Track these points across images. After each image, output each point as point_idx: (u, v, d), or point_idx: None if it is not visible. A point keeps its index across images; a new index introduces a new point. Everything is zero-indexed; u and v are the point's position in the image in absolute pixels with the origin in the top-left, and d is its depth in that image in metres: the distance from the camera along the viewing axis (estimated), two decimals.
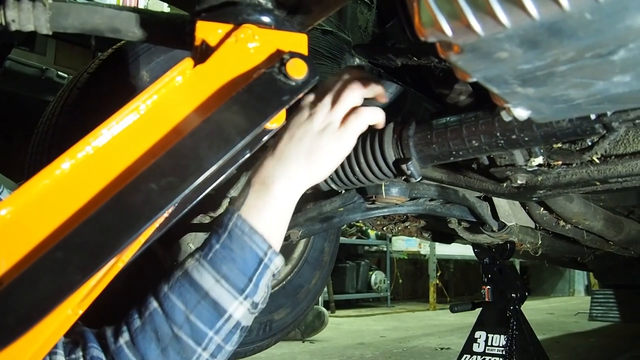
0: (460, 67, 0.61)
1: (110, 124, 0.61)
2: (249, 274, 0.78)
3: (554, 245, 1.88)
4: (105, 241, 0.57)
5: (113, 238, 0.57)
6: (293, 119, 0.87)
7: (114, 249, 0.57)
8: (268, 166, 0.84)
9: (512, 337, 1.86)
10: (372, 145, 1.10)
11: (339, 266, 7.24)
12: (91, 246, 0.56)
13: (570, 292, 9.42)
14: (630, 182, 0.95)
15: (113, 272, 0.74)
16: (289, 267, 2.07)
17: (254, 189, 0.82)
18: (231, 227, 0.79)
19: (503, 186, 1.12)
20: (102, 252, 0.57)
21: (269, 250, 0.81)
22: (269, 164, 0.84)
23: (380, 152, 1.07)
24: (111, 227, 0.57)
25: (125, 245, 0.57)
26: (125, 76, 1.46)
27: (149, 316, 0.76)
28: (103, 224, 0.57)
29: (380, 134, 1.10)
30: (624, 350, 3.11)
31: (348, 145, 0.87)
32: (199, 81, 0.69)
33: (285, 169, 0.83)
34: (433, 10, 0.53)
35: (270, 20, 0.77)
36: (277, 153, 0.84)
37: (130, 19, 0.88)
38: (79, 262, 0.55)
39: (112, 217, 0.57)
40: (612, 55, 0.52)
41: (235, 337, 0.80)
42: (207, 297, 0.75)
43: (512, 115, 0.71)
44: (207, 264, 0.77)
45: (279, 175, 0.83)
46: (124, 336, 0.76)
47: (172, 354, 0.74)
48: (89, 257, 0.56)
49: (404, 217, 2.09)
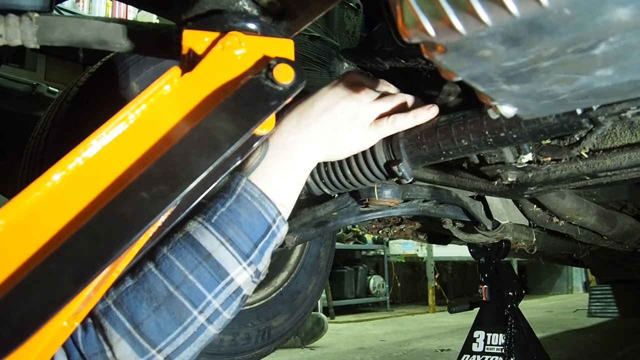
0: (445, 67, 0.61)
1: (100, 135, 0.62)
2: (255, 239, 0.76)
3: (549, 242, 1.89)
4: (97, 251, 0.57)
5: (106, 248, 0.57)
6: (331, 90, 0.86)
7: (107, 259, 0.57)
8: (293, 131, 0.82)
9: (511, 335, 1.86)
10: None
11: (337, 272, 7.23)
12: (84, 257, 0.56)
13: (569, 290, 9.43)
14: (619, 176, 0.96)
15: (108, 282, 0.74)
16: (286, 273, 2.07)
17: (273, 152, 0.80)
18: (239, 191, 0.77)
19: (494, 184, 1.12)
20: (95, 262, 0.57)
21: (277, 217, 0.79)
22: (294, 129, 0.82)
23: (371, 154, 1.07)
24: (103, 237, 0.57)
25: (118, 254, 0.57)
26: (115, 88, 1.47)
27: (143, 276, 0.72)
28: (95, 235, 0.57)
29: None
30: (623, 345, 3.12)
31: (369, 144, 0.88)
32: (187, 89, 0.69)
33: (310, 137, 0.82)
34: (415, 11, 0.54)
35: (256, 26, 0.78)
36: (305, 120, 0.83)
37: (117, 31, 0.88)
38: (72, 273, 0.55)
39: (104, 227, 0.57)
40: (593, 50, 0.53)
41: (235, 304, 0.76)
42: (210, 259, 0.73)
43: (499, 112, 0.72)
44: (211, 227, 0.75)
45: (303, 143, 0.81)
46: (112, 295, 0.73)
47: (165, 314, 0.71)
48: (82, 268, 0.56)
49: (398, 219, 2.10)
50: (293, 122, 0.84)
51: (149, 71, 1.51)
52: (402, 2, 0.55)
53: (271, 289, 2.01)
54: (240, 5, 0.80)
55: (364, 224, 2.12)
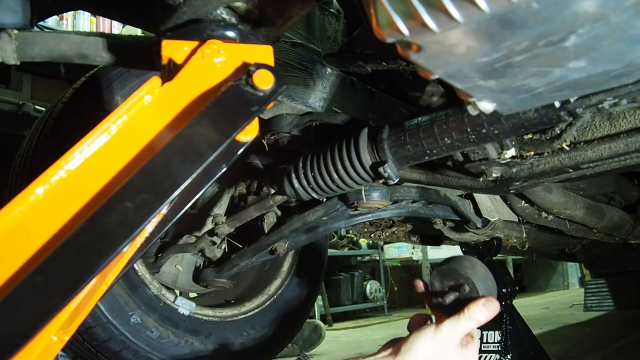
0: (422, 65, 0.62)
1: (82, 147, 0.62)
2: None
3: (540, 237, 1.90)
4: (83, 263, 0.57)
5: (91, 259, 0.57)
6: (449, 339, 0.91)
7: (93, 270, 0.57)
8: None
9: (507, 332, 1.86)
10: (348, 151, 1.12)
11: (333, 279, 7.21)
12: (70, 269, 0.56)
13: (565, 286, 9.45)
14: (602, 167, 0.97)
15: (97, 295, 0.74)
16: (279, 281, 2.07)
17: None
18: None
19: (480, 181, 1.13)
20: (81, 274, 0.57)
21: None
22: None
23: (357, 156, 1.08)
24: (89, 249, 0.57)
25: (104, 265, 0.58)
26: (100, 103, 1.47)
27: None
28: (80, 246, 0.57)
29: (355, 139, 1.11)
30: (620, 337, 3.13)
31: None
32: (168, 98, 0.70)
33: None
34: (389, 12, 0.54)
35: (235, 34, 0.78)
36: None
37: (98, 44, 0.89)
38: (59, 286, 0.55)
39: (89, 239, 0.57)
40: (564, 42, 0.54)
41: None
42: None
43: (478, 108, 0.73)
44: None
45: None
46: None
47: None
48: (69, 280, 0.56)
49: (390, 222, 2.10)
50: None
51: (133, 84, 1.51)
52: (375, 3, 0.55)
53: (265, 297, 2.01)
54: (218, 14, 0.81)
55: (356, 228, 2.13)
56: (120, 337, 1.48)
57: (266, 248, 1.70)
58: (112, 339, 1.47)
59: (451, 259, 1.10)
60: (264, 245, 1.70)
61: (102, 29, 4.24)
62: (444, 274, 1.03)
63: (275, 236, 1.67)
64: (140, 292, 1.58)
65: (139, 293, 1.57)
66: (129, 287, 1.55)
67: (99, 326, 1.46)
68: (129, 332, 1.50)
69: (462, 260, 1.08)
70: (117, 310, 1.49)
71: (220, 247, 1.87)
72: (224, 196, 1.90)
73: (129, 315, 1.52)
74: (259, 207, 1.71)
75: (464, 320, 0.92)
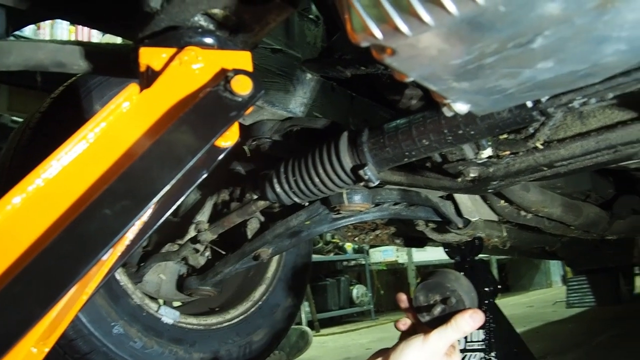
0: (396, 68, 0.63)
1: (59, 155, 0.62)
2: None
3: (520, 236, 1.93)
4: (62, 271, 0.57)
5: (71, 267, 0.57)
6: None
7: (73, 278, 0.57)
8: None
9: (490, 330, 1.88)
10: (329, 154, 1.13)
11: (320, 284, 7.21)
12: (49, 278, 0.56)
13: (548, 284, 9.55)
14: (575, 165, 0.99)
15: (78, 305, 0.74)
16: (264, 286, 2.07)
17: None
18: None
19: (458, 181, 1.15)
20: (60, 282, 0.57)
21: None
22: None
23: (338, 160, 1.09)
24: (68, 257, 0.57)
25: (83, 273, 0.58)
26: (79, 112, 1.46)
27: None
28: (59, 254, 0.57)
29: (335, 143, 1.13)
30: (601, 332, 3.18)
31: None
32: (146, 105, 0.70)
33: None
34: (362, 16, 0.56)
35: (213, 40, 0.79)
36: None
37: (75, 52, 0.89)
38: (38, 295, 0.55)
39: (68, 247, 0.57)
40: (531, 44, 0.55)
41: None
42: None
43: (453, 110, 0.74)
44: None
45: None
46: None
47: None
48: (48, 289, 0.56)
49: (373, 225, 2.12)
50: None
51: (112, 93, 1.50)
52: (350, 9, 0.56)
53: (250, 304, 2.00)
54: (196, 20, 0.81)
55: (340, 232, 2.14)
56: (103, 348, 1.46)
57: (250, 254, 1.70)
58: (94, 351, 1.45)
59: (434, 273, 1.13)
60: (247, 252, 1.70)
61: (81, 38, 4.21)
62: (430, 287, 1.07)
63: (259, 242, 1.67)
64: (122, 302, 1.57)
65: (121, 303, 1.56)
66: (111, 298, 1.54)
67: (80, 338, 1.44)
68: (111, 344, 1.48)
69: (446, 274, 1.12)
70: (99, 322, 1.47)
71: (204, 254, 1.86)
72: (206, 203, 1.89)
73: (112, 326, 1.50)
74: (241, 213, 1.71)
75: (451, 330, 0.96)
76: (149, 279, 1.84)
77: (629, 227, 1.94)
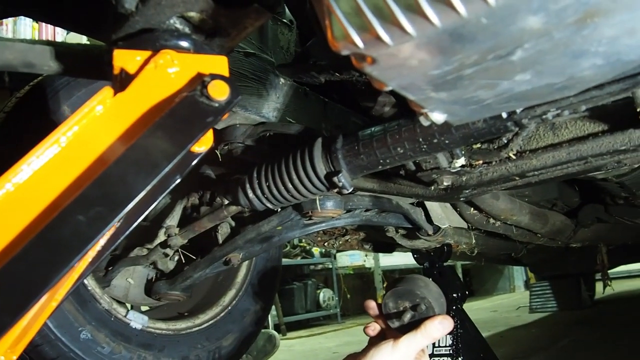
0: (376, 77, 0.64)
1: (30, 159, 0.60)
2: None
3: (488, 243, 1.96)
4: (34, 279, 0.55)
5: (42, 275, 0.55)
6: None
7: (44, 286, 0.55)
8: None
9: (457, 336, 1.90)
10: (302, 160, 1.12)
11: (287, 288, 7.20)
12: (19, 286, 0.54)
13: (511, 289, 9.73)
14: (546, 175, 1.01)
15: (47, 312, 0.71)
16: (234, 291, 2.05)
17: None
18: None
19: (431, 189, 1.16)
20: (31, 290, 0.55)
21: None
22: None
23: (311, 166, 1.09)
24: (39, 264, 0.55)
25: (55, 281, 0.56)
26: (46, 112, 1.42)
27: None
28: (31, 262, 0.55)
29: (309, 149, 1.12)
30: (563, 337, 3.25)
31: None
32: (120, 109, 0.69)
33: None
34: (344, 25, 0.55)
35: (189, 44, 0.78)
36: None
37: (45, 53, 0.86)
38: (8, 303, 0.53)
39: (39, 254, 0.56)
40: (511, 56, 0.56)
41: None
42: None
43: (430, 119, 0.75)
44: None
45: None
46: None
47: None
48: (18, 297, 0.54)
49: (343, 230, 2.12)
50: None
51: (81, 94, 1.47)
52: (331, 16, 0.56)
53: (219, 308, 1.98)
54: (172, 23, 0.80)
55: (310, 237, 2.13)
56: (70, 354, 1.43)
57: (220, 259, 1.69)
58: (61, 357, 1.42)
59: (403, 279, 1.14)
60: (218, 256, 1.68)
61: (45, 36, 4.11)
62: (399, 294, 1.08)
63: (230, 247, 1.66)
64: (90, 307, 1.53)
65: (88, 308, 1.53)
66: (78, 303, 1.50)
67: (46, 344, 1.40)
68: (79, 349, 1.45)
69: (415, 280, 1.12)
70: (66, 327, 1.44)
71: (173, 259, 1.84)
72: (176, 207, 1.87)
73: (79, 331, 1.47)
74: (212, 217, 1.70)
75: (420, 336, 0.97)
76: (117, 283, 1.80)
77: (593, 235, 1.99)
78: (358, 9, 0.53)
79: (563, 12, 0.48)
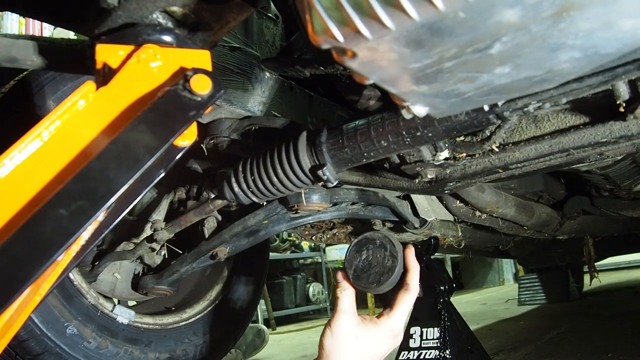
0: (357, 71, 0.64)
1: (12, 154, 0.60)
2: None
3: (475, 236, 1.97)
4: (16, 273, 0.55)
5: (25, 269, 0.55)
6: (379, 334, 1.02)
7: (26, 280, 0.55)
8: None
9: (445, 328, 1.92)
10: (287, 154, 1.13)
11: (276, 282, 7.20)
12: (2, 280, 0.54)
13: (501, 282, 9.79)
14: (529, 167, 1.02)
15: (31, 306, 0.71)
16: (220, 285, 2.05)
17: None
18: None
19: (416, 182, 1.17)
20: (14, 285, 0.55)
21: None
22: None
23: (296, 160, 1.09)
24: (21, 259, 0.55)
25: (37, 275, 0.56)
26: (31, 108, 1.41)
27: None
28: (13, 256, 0.55)
29: (294, 143, 1.13)
30: (551, 329, 3.28)
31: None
32: (103, 103, 0.68)
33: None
34: (324, 19, 0.56)
35: (172, 39, 0.78)
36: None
37: (28, 47, 0.86)
38: None
39: (21, 248, 0.56)
40: (489, 49, 0.57)
41: None
42: None
43: (412, 112, 0.76)
44: None
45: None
46: None
47: None
48: (1, 292, 0.54)
49: (330, 224, 2.13)
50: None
51: (66, 88, 1.46)
52: (311, 10, 0.56)
53: (207, 303, 1.98)
54: (154, 18, 0.80)
55: (297, 230, 2.14)
56: (56, 349, 1.43)
57: (207, 253, 1.69)
58: (47, 352, 1.41)
59: (356, 241, 1.05)
60: (204, 251, 1.69)
61: (32, 31, 4.07)
62: (359, 245, 0.99)
63: (216, 241, 1.66)
64: (76, 302, 1.53)
65: (75, 303, 1.52)
66: (64, 297, 1.50)
67: (32, 339, 1.40)
68: (65, 344, 1.44)
69: (367, 234, 1.03)
70: (52, 322, 1.43)
71: (160, 253, 1.83)
72: (162, 201, 1.86)
73: (65, 326, 1.46)
74: (198, 212, 1.70)
75: (409, 294, 0.98)
76: (104, 278, 1.80)
77: (579, 227, 2.01)
78: (338, 3, 0.53)
79: (539, 5, 0.49)
